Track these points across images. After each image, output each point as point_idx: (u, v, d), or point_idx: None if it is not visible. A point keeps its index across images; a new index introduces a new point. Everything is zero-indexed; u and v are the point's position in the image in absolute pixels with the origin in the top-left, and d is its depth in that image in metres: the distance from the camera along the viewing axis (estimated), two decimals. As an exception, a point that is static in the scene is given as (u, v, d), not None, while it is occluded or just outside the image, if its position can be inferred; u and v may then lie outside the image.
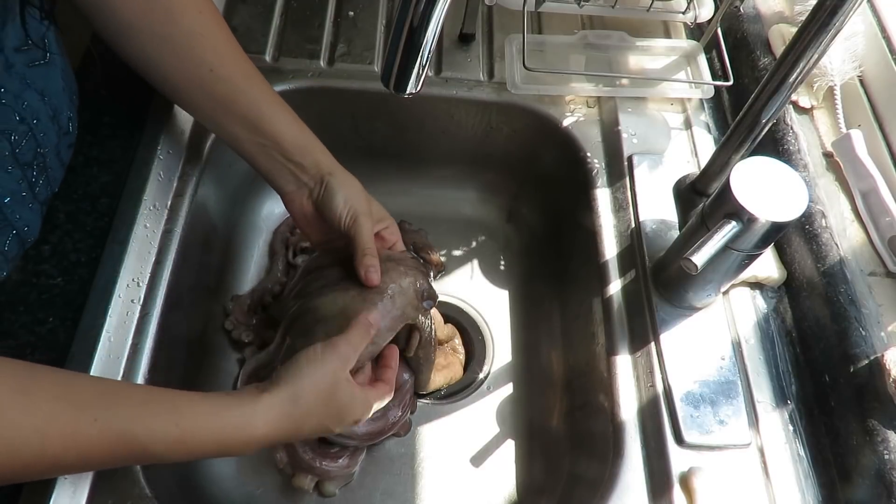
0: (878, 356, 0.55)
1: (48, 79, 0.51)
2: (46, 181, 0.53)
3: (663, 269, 0.62)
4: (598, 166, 0.72)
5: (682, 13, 0.76)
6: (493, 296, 0.83)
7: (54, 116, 0.52)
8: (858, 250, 0.62)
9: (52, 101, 0.51)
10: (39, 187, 0.52)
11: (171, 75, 0.57)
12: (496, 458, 0.73)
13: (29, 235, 0.52)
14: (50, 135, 0.51)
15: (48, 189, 0.53)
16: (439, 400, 0.75)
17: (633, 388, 0.60)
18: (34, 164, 0.50)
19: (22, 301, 0.56)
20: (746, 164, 0.52)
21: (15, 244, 0.50)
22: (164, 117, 0.68)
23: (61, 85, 0.52)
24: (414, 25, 0.37)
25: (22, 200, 0.49)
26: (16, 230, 0.50)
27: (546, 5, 0.74)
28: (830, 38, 0.48)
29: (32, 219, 0.52)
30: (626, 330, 0.63)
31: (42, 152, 0.50)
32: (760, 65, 0.74)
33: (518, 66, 0.75)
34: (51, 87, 0.51)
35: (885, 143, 0.67)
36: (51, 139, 0.51)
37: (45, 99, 0.50)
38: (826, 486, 0.56)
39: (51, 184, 0.54)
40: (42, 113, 0.50)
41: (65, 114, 0.53)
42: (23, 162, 0.48)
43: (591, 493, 0.58)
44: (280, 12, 0.79)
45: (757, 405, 0.58)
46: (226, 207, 0.76)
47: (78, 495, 0.50)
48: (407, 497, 0.69)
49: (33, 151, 0.49)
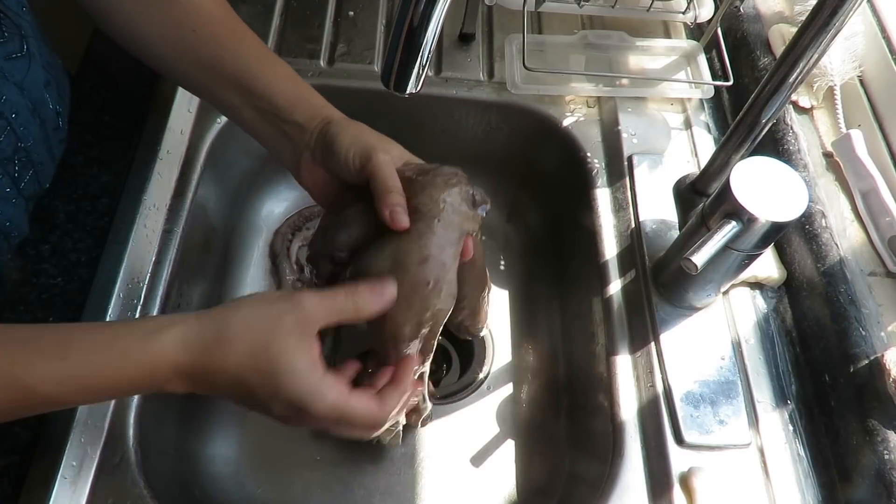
0: (878, 356, 0.54)
1: (27, 71, 0.49)
2: (34, 177, 0.51)
3: (663, 269, 0.62)
4: (598, 166, 0.72)
5: (682, 13, 0.76)
6: (493, 296, 0.83)
7: (35, 110, 0.50)
8: (858, 250, 0.62)
9: (33, 95, 0.50)
10: (25, 183, 0.50)
11: (154, 43, 0.53)
12: (496, 458, 0.73)
13: (13, 231, 0.50)
14: (31, 128, 0.50)
15: (36, 185, 0.52)
16: (439, 400, 0.75)
17: (633, 388, 0.60)
18: (15, 160, 0.49)
19: (22, 301, 0.56)
20: (746, 164, 0.52)
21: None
22: (164, 117, 0.68)
23: (43, 78, 0.51)
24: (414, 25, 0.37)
25: (5, 196, 0.48)
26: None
27: (546, 5, 0.74)
28: (830, 38, 0.48)
29: (15, 214, 0.50)
30: (626, 330, 0.63)
31: (24, 147, 0.49)
32: (760, 65, 0.74)
33: (518, 65, 0.75)
34: (30, 80, 0.49)
35: (885, 143, 0.67)
36: (33, 133, 0.50)
37: (23, 92, 0.49)
38: (826, 486, 0.56)
39: (39, 180, 0.52)
40: (21, 106, 0.48)
41: (49, 108, 0.52)
42: (1, 157, 0.47)
43: (591, 493, 0.58)
44: (280, 12, 0.79)
45: (757, 405, 0.58)
46: (226, 207, 0.76)
47: (78, 495, 0.50)
48: (407, 497, 0.69)
49: (13, 146, 0.48)
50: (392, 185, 0.48)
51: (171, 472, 0.59)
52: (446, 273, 0.47)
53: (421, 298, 0.47)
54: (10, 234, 0.51)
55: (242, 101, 0.53)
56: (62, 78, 0.55)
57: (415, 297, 0.47)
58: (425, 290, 0.47)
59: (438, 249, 0.46)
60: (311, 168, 0.53)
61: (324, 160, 0.52)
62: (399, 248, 0.46)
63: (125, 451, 0.53)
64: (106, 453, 0.52)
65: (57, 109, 0.53)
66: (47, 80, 0.52)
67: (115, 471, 0.52)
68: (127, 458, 0.53)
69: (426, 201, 0.47)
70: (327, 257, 0.52)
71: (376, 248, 0.47)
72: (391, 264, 0.46)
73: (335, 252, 0.51)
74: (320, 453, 0.70)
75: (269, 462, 0.69)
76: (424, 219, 0.46)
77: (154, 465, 0.55)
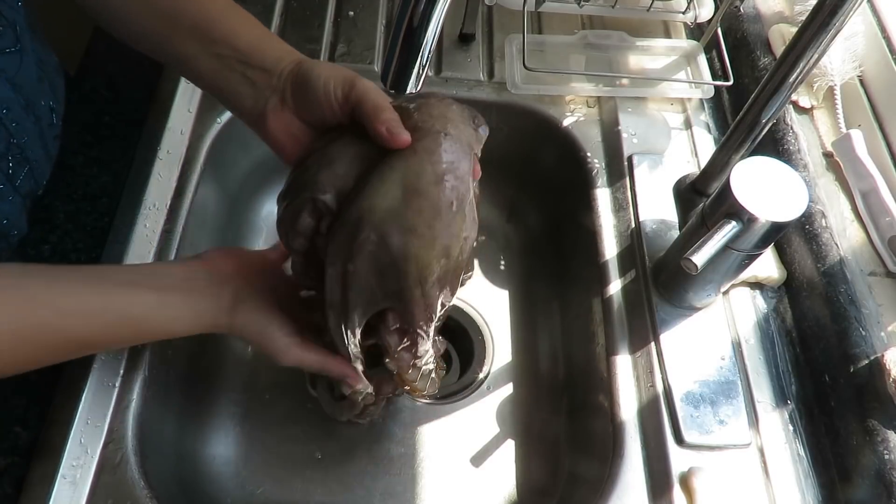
0: (878, 356, 0.54)
1: (20, 67, 0.49)
2: (30, 174, 0.51)
3: (663, 269, 0.62)
4: (598, 166, 0.72)
5: (682, 13, 0.76)
6: (493, 296, 0.83)
7: (28, 106, 0.50)
8: (858, 250, 0.62)
9: (25, 91, 0.49)
10: (21, 180, 0.50)
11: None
12: (496, 458, 0.73)
13: (10, 229, 0.50)
14: (25, 125, 0.50)
15: (32, 182, 0.52)
16: (439, 400, 0.75)
17: (633, 388, 0.60)
18: (9, 156, 0.49)
19: (22, 301, 0.56)
20: (746, 164, 0.52)
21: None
22: (164, 117, 0.68)
23: (35, 73, 0.51)
24: (414, 25, 0.37)
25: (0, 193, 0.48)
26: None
27: (546, 5, 0.74)
28: (830, 38, 0.48)
29: (13, 212, 0.50)
30: (626, 330, 0.63)
31: (17, 143, 0.49)
32: (760, 65, 0.74)
33: (518, 65, 0.75)
34: (23, 76, 0.49)
35: (885, 143, 0.67)
36: (27, 129, 0.50)
37: (16, 88, 0.48)
38: (826, 486, 0.56)
39: (35, 177, 0.52)
40: (13, 102, 0.48)
41: (43, 104, 0.52)
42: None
43: (591, 493, 0.58)
44: (280, 12, 0.79)
45: (757, 405, 0.58)
46: (226, 207, 0.76)
47: (78, 495, 0.50)
48: (407, 497, 0.69)
49: (5, 142, 0.48)
50: (384, 104, 0.44)
51: (171, 472, 0.59)
52: (467, 192, 0.41)
53: (445, 225, 0.40)
54: (9, 233, 0.51)
55: (201, 50, 0.50)
56: (56, 74, 0.55)
57: (438, 225, 0.40)
58: (449, 213, 0.40)
59: (453, 165, 0.40)
60: (278, 115, 0.49)
61: (298, 100, 0.48)
62: (409, 171, 0.40)
63: (125, 451, 0.53)
64: (106, 453, 0.52)
65: (51, 105, 0.53)
66: (40, 75, 0.52)
67: (115, 471, 0.52)
68: (127, 458, 0.53)
69: (426, 118, 0.42)
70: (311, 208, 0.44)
71: (378, 179, 0.40)
72: (402, 192, 0.39)
73: (317, 195, 0.43)
74: (320, 453, 0.70)
75: (269, 462, 0.69)
76: (430, 134, 0.41)
77: (154, 465, 0.55)
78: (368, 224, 0.40)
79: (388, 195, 0.40)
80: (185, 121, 0.69)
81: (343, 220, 0.41)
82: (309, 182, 0.42)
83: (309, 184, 0.42)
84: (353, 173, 0.42)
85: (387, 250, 0.40)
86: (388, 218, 0.39)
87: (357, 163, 0.43)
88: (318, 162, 0.43)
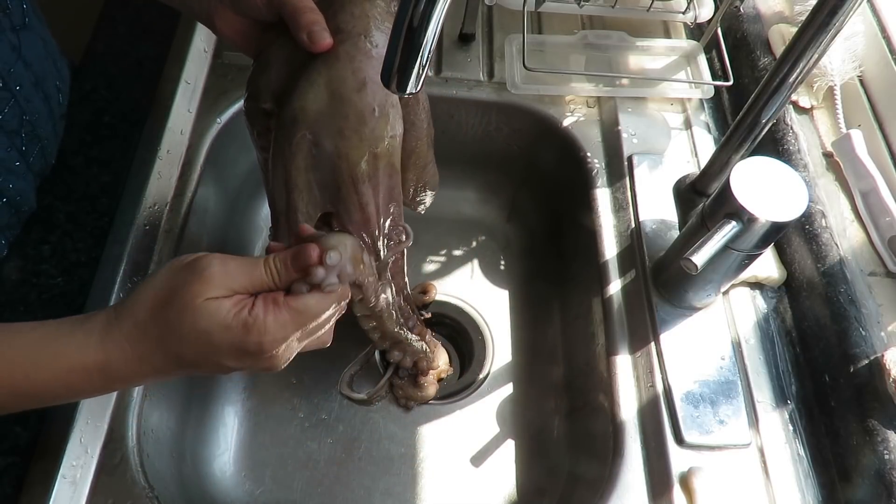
0: (878, 356, 0.55)
1: (29, 44, 0.49)
2: (41, 152, 0.51)
3: (663, 269, 0.62)
4: (598, 166, 0.72)
5: (682, 13, 0.76)
6: (493, 296, 0.83)
7: (37, 83, 0.50)
8: (858, 250, 0.62)
9: (34, 68, 0.49)
10: (33, 157, 0.50)
11: None
12: (496, 458, 0.73)
13: (23, 206, 0.50)
14: (35, 102, 0.50)
15: (42, 160, 0.52)
16: (439, 400, 0.75)
17: (633, 388, 0.60)
18: (22, 133, 0.49)
19: (22, 301, 0.56)
20: (746, 164, 0.52)
21: (6, 213, 0.49)
22: (164, 117, 0.68)
23: (43, 51, 0.51)
24: (414, 25, 0.37)
25: (15, 170, 0.48)
26: (6, 198, 0.49)
27: (546, 5, 0.74)
28: (830, 38, 0.48)
29: (26, 188, 0.50)
30: (625, 330, 0.63)
31: (30, 120, 0.49)
32: (760, 65, 0.74)
33: (518, 66, 0.75)
34: (33, 53, 0.49)
35: (885, 143, 0.67)
36: (36, 107, 0.50)
37: (27, 65, 0.49)
38: (826, 486, 0.56)
39: (45, 155, 0.52)
40: (25, 79, 0.48)
41: (51, 82, 0.52)
42: (8, 129, 0.47)
43: (591, 493, 0.58)
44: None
45: (757, 405, 0.58)
46: (226, 207, 0.76)
47: (78, 495, 0.50)
48: (407, 497, 0.69)
49: (18, 119, 0.48)
50: (305, 5, 0.43)
51: (171, 472, 0.59)
52: (389, 96, 0.42)
53: (371, 129, 0.43)
54: (21, 209, 0.51)
55: None
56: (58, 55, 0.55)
57: (364, 129, 0.43)
58: (373, 119, 0.43)
59: (374, 70, 0.40)
60: (223, 15, 0.49)
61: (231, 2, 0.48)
62: (332, 78, 0.41)
63: (125, 451, 0.53)
64: (106, 453, 0.52)
65: (57, 85, 0.53)
66: (45, 53, 0.52)
67: (115, 471, 0.52)
68: (127, 458, 0.53)
69: (347, 18, 0.42)
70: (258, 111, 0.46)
71: (306, 82, 0.41)
72: (328, 97, 0.41)
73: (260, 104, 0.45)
74: (320, 453, 0.71)
75: (269, 462, 0.69)
76: (351, 37, 0.41)
77: (154, 465, 0.55)
78: (303, 124, 0.42)
79: (317, 98, 0.42)
80: (185, 121, 0.69)
81: (279, 122, 0.43)
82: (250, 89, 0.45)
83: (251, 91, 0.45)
84: (288, 74, 0.44)
85: (320, 148, 0.42)
86: (320, 119, 0.42)
87: (289, 65, 0.44)
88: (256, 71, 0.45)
